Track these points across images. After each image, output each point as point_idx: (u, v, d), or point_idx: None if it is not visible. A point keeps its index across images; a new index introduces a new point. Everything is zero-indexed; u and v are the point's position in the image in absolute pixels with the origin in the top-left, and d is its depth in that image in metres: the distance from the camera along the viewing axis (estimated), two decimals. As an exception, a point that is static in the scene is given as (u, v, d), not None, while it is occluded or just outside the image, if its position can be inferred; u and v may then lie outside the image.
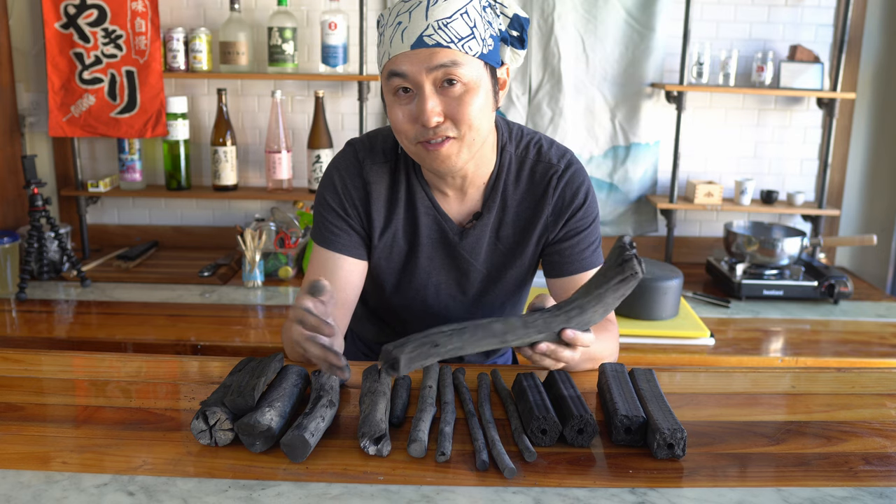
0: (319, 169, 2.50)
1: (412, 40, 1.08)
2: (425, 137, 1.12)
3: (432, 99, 1.10)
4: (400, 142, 1.18)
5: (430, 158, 1.15)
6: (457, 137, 1.13)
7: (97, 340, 1.94)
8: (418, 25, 1.08)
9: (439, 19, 1.08)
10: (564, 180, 1.27)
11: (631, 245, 0.96)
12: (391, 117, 1.15)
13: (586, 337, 1.02)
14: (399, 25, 1.10)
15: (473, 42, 1.10)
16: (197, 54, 2.45)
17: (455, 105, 1.11)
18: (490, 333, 0.96)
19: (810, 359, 1.96)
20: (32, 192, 2.21)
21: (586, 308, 1.00)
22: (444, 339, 0.94)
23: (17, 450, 0.95)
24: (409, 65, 1.09)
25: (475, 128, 1.13)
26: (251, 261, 2.33)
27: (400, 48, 1.09)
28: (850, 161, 2.73)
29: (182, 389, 1.15)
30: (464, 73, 1.10)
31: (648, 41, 2.57)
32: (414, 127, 1.12)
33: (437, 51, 1.08)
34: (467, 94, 1.11)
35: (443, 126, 1.11)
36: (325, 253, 1.27)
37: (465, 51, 1.09)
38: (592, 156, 2.68)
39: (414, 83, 1.10)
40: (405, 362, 0.92)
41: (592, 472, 0.93)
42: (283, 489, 0.87)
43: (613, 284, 0.98)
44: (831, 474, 0.93)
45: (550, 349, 1.01)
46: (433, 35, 1.08)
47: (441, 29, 1.08)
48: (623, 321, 2.06)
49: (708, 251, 2.73)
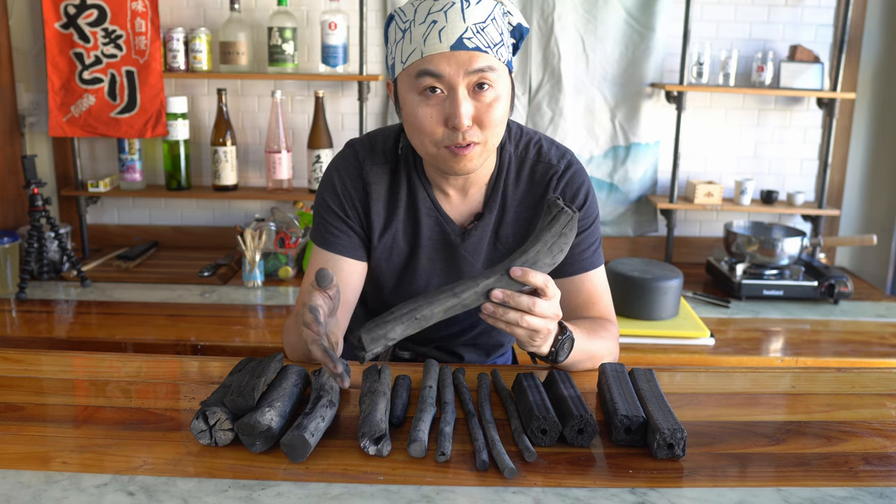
0: (319, 169, 2.50)
1: (451, 41, 1.07)
2: (453, 141, 1.11)
3: (467, 102, 1.09)
4: (419, 142, 1.15)
5: (455, 161, 1.13)
6: (480, 143, 1.13)
7: (97, 340, 1.94)
8: (457, 26, 1.07)
9: (476, 23, 1.08)
10: (564, 181, 1.27)
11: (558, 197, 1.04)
12: (415, 117, 1.12)
13: (537, 276, 1.00)
14: (434, 25, 1.08)
15: (503, 49, 1.11)
16: (197, 54, 2.45)
17: (485, 110, 1.11)
18: (441, 291, 1.00)
19: (810, 359, 1.96)
20: (32, 192, 2.21)
21: (526, 249, 1.03)
22: (398, 308, 0.99)
23: (17, 450, 0.95)
24: (448, 66, 1.08)
25: (497, 133, 1.14)
26: (251, 261, 2.33)
27: (437, 48, 1.08)
28: (850, 161, 2.73)
29: (182, 389, 1.15)
30: (496, 79, 1.10)
31: (648, 41, 2.57)
32: (441, 129, 1.11)
33: (476, 54, 1.08)
34: (497, 100, 1.11)
35: (471, 131, 1.11)
36: (324, 254, 1.27)
37: (498, 57, 1.10)
38: (592, 156, 2.68)
39: (448, 85, 1.09)
40: (367, 337, 0.96)
41: (592, 472, 0.93)
42: (283, 489, 0.87)
43: (546, 225, 1.03)
44: (831, 474, 0.93)
45: (507, 294, 0.99)
46: (472, 38, 1.07)
47: (479, 33, 1.08)
48: (623, 321, 2.06)
49: (708, 251, 2.73)
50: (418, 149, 1.17)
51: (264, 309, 2.20)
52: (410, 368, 1.23)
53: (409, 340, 1.42)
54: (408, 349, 1.43)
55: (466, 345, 1.42)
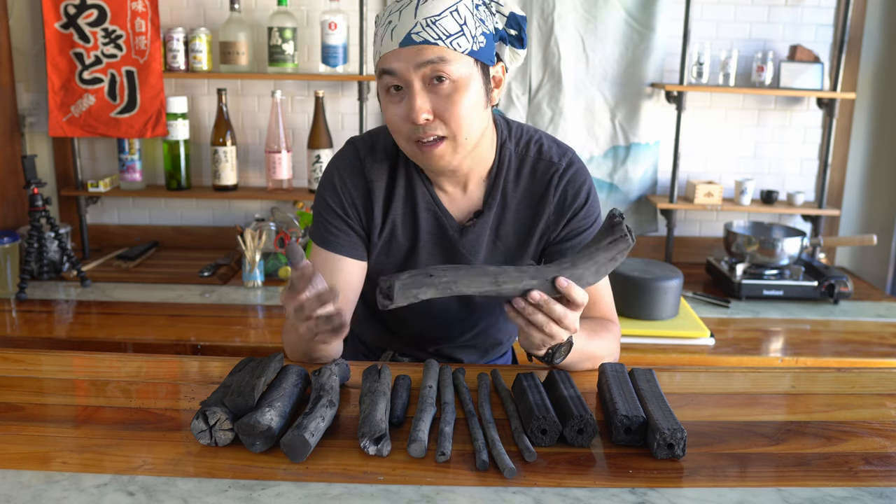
0: (319, 169, 2.50)
1: (400, 38, 1.10)
2: (417, 136, 1.13)
3: (421, 96, 1.11)
4: (396, 141, 1.18)
5: (425, 158, 1.16)
6: (448, 136, 1.13)
7: (97, 340, 1.94)
8: (407, 24, 1.09)
9: (428, 17, 1.09)
10: (566, 179, 1.27)
11: (621, 215, 1.01)
12: (386, 116, 1.16)
13: (579, 292, 1.01)
14: (389, 25, 1.11)
15: (462, 39, 1.11)
16: (197, 54, 2.45)
17: (444, 103, 1.11)
18: (484, 273, 0.99)
19: (810, 359, 1.96)
20: (32, 192, 2.21)
21: (578, 263, 1.02)
22: (439, 272, 0.97)
23: (17, 450, 0.95)
24: (398, 62, 1.10)
25: (465, 126, 1.13)
26: (251, 261, 2.33)
27: (389, 46, 1.11)
28: (850, 161, 2.73)
29: (182, 389, 1.15)
30: (452, 70, 1.10)
31: (648, 41, 2.57)
32: (406, 125, 1.13)
33: (424, 48, 1.09)
34: (456, 91, 1.11)
35: (432, 124, 1.12)
36: (324, 253, 1.26)
37: (453, 47, 1.10)
38: (592, 156, 2.68)
39: (403, 81, 1.11)
40: (399, 289, 0.95)
41: (592, 472, 0.93)
42: (283, 489, 0.87)
43: (604, 245, 1.01)
44: (831, 474, 0.93)
45: (544, 299, 1.00)
46: (420, 32, 1.09)
47: (429, 26, 1.09)
48: (623, 321, 2.05)
49: (708, 251, 2.73)
50: (400, 147, 1.19)
51: (264, 309, 2.20)
52: (410, 368, 1.23)
53: (407, 345, 1.42)
54: (407, 354, 1.43)
55: (465, 346, 1.42)
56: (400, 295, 0.96)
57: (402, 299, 0.96)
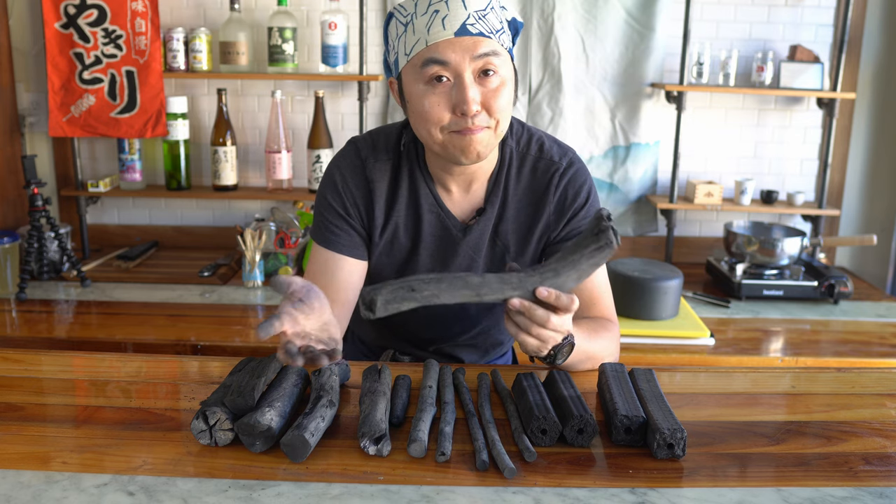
0: (319, 169, 2.50)
1: (455, 27, 1.09)
2: (460, 127, 1.12)
3: (474, 87, 1.11)
4: (426, 132, 1.15)
5: (464, 144, 1.13)
6: (489, 127, 1.14)
7: (97, 340, 1.94)
8: (459, 14, 1.09)
9: (478, 10, 1.10)
10: (567, 179, 1.27)
11: (608, 217, 0.99)
12: (421, 106, 1.13)
13: (563, 300, 0.99)
14: (437, 14, 1.10)
15: (505, 36, 1.13)
16: (197, 54, 2.45)
17: (491, 96, 1.12)
18: (466, 285, 0.98)
19: (810, 359, 1.96)
20: (32, 192, 2.21)
21: (560, 272, 1.01)
22: (420, 286, 0.96)
23: (17, 450, 0.95)
24: (453, 52, 1.09)
25: (505, 119, 1.15)
26: (251, 261, 2.33)
27: (442, 35, 1.09)
28: (850, 161, 2.73)
29: (182, 389, 1.15)
30: (500, 65, 1.12)
31: (648, 41, 2.57)
32: (449, 115, 1.12)
33: (480, 40, 1.09)
34: (502, 85, 1.12)
35: (479, 116, 1.12)
36: (325, 253, 1.26)
37: (501, 43, 1.12)
38: (592, 156, 2.68)
39: (455, 71, 1.11)
40: (381, 303, 0.95)
41: (592, 472, 0.93)
42: (283, 489, 0.87)
43: (588, 252, 0.99)
44: (831, 474, 0.93)
45: (525, 305, 0.99)
46: (475, 24, 1.09)
47: (481, 20, 1.10)
48: (623, 321, 2.06)
49: (708, 251, 2.73)
50: (426, 140, 1.17)
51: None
52: (410, 368, 1.23)
53: (408, 344, 1.42)
54: (408, 353, 1.43)
55: (465, 346, 1.42)
56: (382, 308, 0.95)
57: (384, 312, 0.95)
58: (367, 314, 0.95)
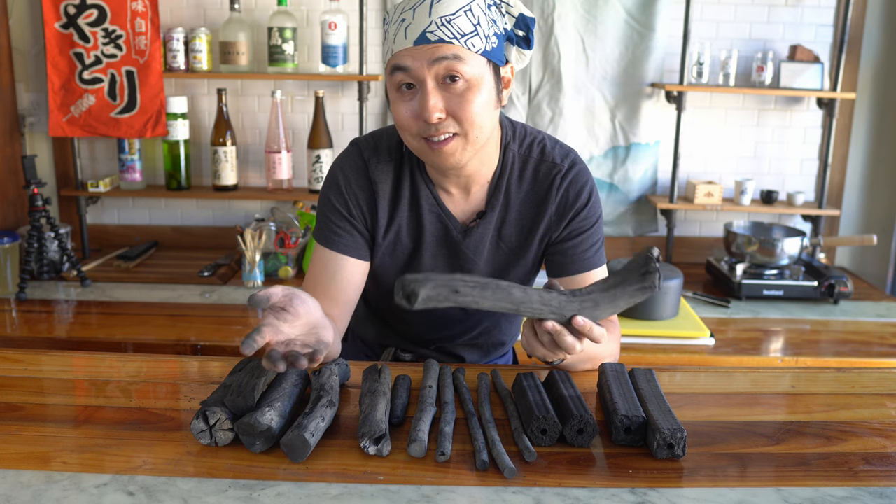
0: (319, 169, 2.50)
1: (415, 36, 1.09)
2: (427, 133, 1.13)
3: (434, 95, 1.10)
4: (403, 138, 1.18)
5: (434, 155, 1.15)
6: (460, 134, 1.13)
7: (97, 340, 1.94)
8: (422, 22, 1.09)
9: (443, 16, 1.09)
10: (568, 180, 1.27)
11: (657, 259, 0.99)
12: (394, 113, 1.15)
13: (596, 330, 1.00)
14: (403, 22, 1.11)
15: (476, 39, 1.11)
16: (197, 54, 2.45)
17: (457, 101, 1.11)
18: (507, 299, 0.97)
19: (810, 359, 1.96)
20: (32, 192, 2.21)
21: (599, 304, 1.01)
22: (465, 289, 0.94)
23: (17, 450, 0.95)
24: (412, 60, 1.10)
25: (477, 125, 1.13)
26: (251, 261, 2.33)
27: (403, 44, 1.10)
28: (850, 161, 2.73)
29: (182, 389, 1.15)
30: (466, 70, 1.10)
31: (648, 41, 2.57)
32: (417, 123, 1.13)
33: (439, 46, 1.09)
34: (469, 90, 1.11)
35: (445, 122, 1.12)
36: (327, 253, 1.27)
37: (467, 47, 1.10)
38: (592, 156, 2.68)
39: (416, 78, 1.11)
40: (423, 298, 0.92)
41: (592, 472, 0.93)
42: (283, 489, 0.87)
43: (630, 291, 1.00)
44: (831, 474, 0.93)
45: (556, 329, 0.99)
46: (436, 31, 1.09)
47: (444, 25, 1.09)
48: (623, 321, 2.06)
49: (708, 251, 2.73)
50: (408, 145, 1.18)
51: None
52: (410, 368, 1.23)
53: (409, 342, 1.42)
54: (409, 351, 1.43)
55: (467, 345, 1.42)
56: (422, 303, 0.93)
57: (422, 306, 0.93)
58: (403, 303, 0.92)
